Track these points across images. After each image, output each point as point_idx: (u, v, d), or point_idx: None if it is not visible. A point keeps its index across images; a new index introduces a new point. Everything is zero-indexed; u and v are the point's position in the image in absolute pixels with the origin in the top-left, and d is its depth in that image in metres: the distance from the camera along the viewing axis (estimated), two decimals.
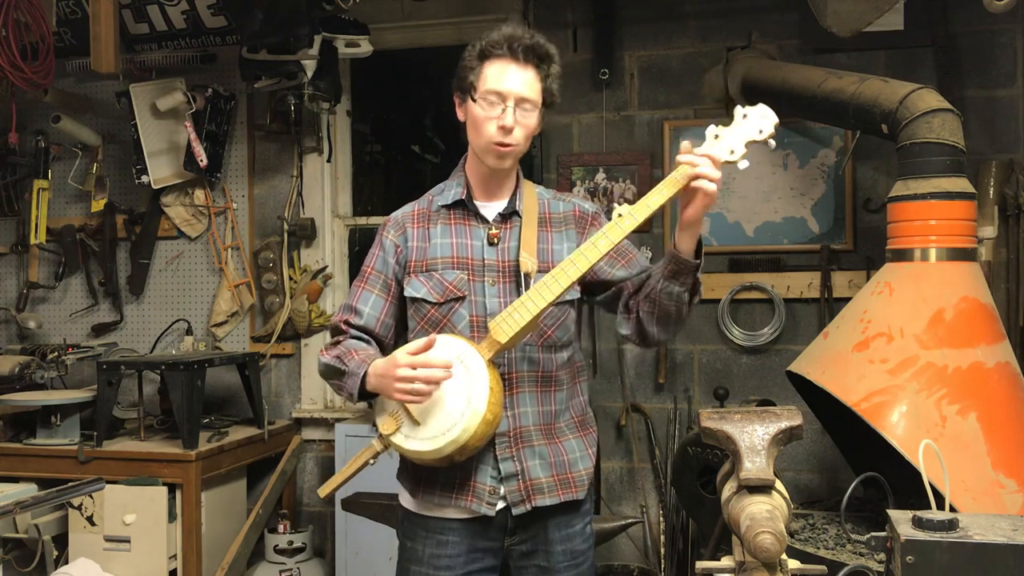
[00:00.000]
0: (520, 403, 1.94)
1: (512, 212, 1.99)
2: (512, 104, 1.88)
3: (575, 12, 3.71)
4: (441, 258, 1.96)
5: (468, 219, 1.99)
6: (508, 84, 1.88)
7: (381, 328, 2.00)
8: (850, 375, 2.53)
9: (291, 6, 3.32)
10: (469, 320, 1.92)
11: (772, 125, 1.81)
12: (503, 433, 1.91)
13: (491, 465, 1.92)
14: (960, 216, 2.58)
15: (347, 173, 4.11)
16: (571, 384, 2.02)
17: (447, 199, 2.01)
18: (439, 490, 1.94)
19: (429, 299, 1.94)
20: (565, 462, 1.97)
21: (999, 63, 3.33)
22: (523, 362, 1.93)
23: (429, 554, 1.95)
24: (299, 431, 3.96)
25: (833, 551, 2.48)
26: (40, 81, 3.61)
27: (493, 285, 1.94)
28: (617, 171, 3.65)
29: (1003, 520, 1.42)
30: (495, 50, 1.90)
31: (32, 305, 4.25)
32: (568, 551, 1.99)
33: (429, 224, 2.00)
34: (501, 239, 1.96)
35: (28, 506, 2.61)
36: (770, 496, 1.52)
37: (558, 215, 2.03)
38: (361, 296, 2.01)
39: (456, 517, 1.94)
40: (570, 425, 2.01)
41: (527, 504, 1.92)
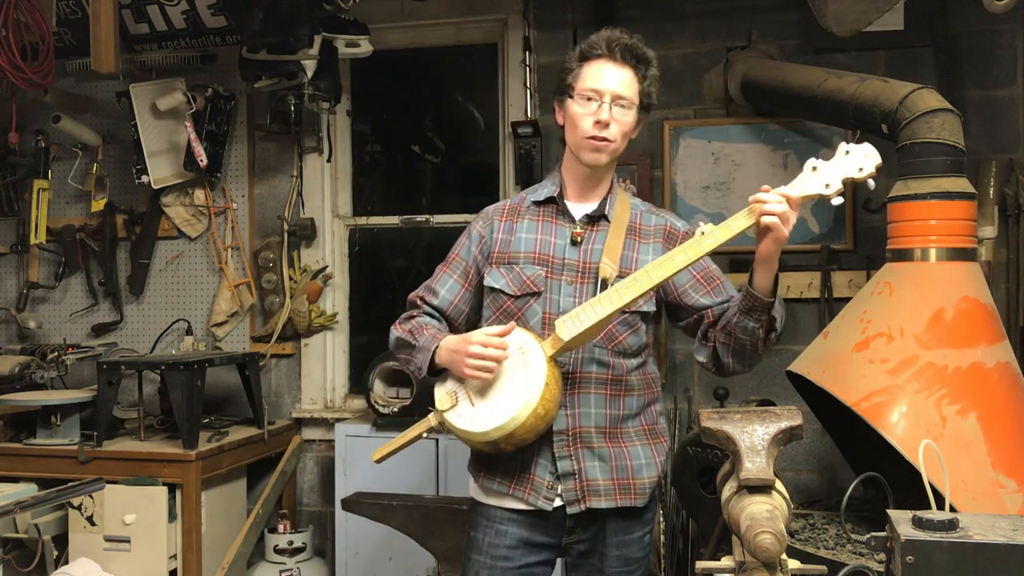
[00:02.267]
0: (583, 403, 1.95)
1: (600, 215, 2.01)
2: (608, 100, 1.93)
3: (575, 12, 3.71)
4: (524, 252, 2.00)
5: (556, 217, 2.03)
6: (605, 82, 1.93)
7: (453, 311, 2.07)
8: (850, 375, 2.53)
9: (291, 6, 3.32)
10: (542, 316, 1.96)
11: (874, 165, 1.78)
12: (561, 431, 1.94)
13: (549, 461, 1.95)
14: (960, 216, 2.58)
15: (347, 173, 4.11)
16: (644, 392, 2.03)
17: (540, 196, 2.06)
18: (499, 477, 1.98)
19: (507, 291, 1.98)
20: (628, 467, 1.98)
21: (999, 63, 3.33)
22: (590, 363, 1.96)
23: (488, 543, 1.99)
24: (299, 431, 3.96)
25: (833, 551, 2.48)
26: (40, 81, 3.61)
27: (570, 284, 1.96)
28: (617, 171, 3.62)
29: (1003, 520, 1.42)
30: (594, 50, 1.95)
31: (32, 305, 4.25)
32: (623, 557, 2.01)
33: (517, 218, 2.06)
34: (585, 240, 1.99)
35: (28, 506, 2.62)
36: (770, 496, 1.52)
37: (648, 227, 2.05)
38: (441, 279, 2.09)
39: (515, 507, 1.97)
40: (639, 432, 2.02)
41: (581, 504, 1.95)
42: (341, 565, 3.61)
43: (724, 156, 3.55)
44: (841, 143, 1.82)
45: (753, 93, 3.39)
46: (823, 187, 1.79)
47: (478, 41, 3.93)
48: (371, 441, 3.55)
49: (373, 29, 3.66)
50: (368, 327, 4.15)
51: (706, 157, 3.57)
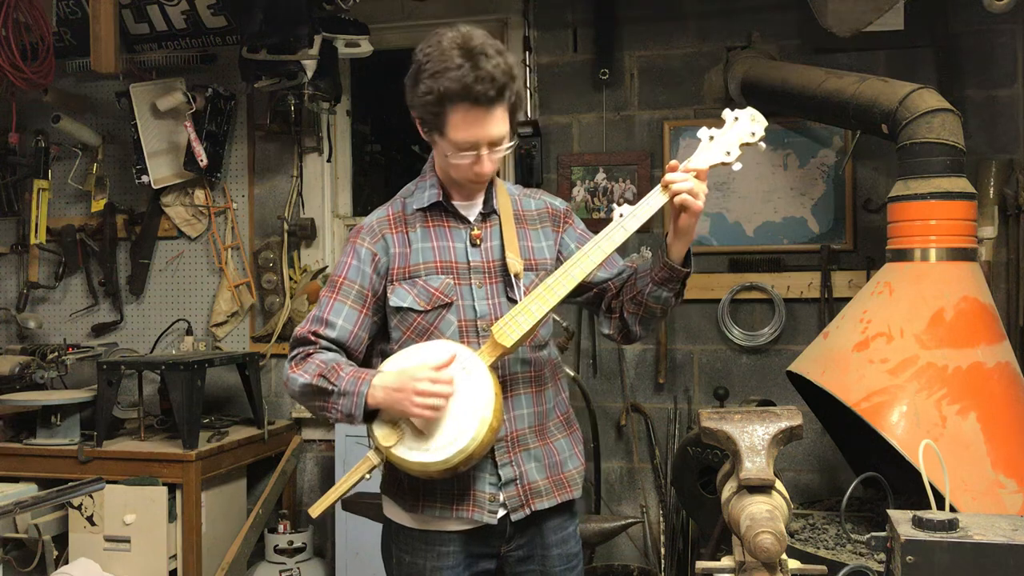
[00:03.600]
0: (516, 406, 1.90)
1: (491, 211, 1.94)
2: (485, 150, 1.80)
3: (575, 12, 3.71)
4: (424, 263, 1.88)
5: (447, 220, 1.92)
6: (479, 133, 1.77)
7: (354, 341, 1.88)
8: (850, 375, 2.53)
9: (291, 6, 3.32)
10: (458, 326, 1.86)
11: (762, 127, 1.82)
12: (502, 438, 1.87)
13: (490, 472, 1.87)
14: (960, 216, 2.59)
15: (347, 173, 4.10)
16: (554, 381, 2.00)
17: (422, 202, 1.92)
18: (439, 503, 1.88)
19: (416, 307, 1.86)
20: (557, 463, 1.96)
21: (999, 63, 3.33)
22: (517, 363, 1.90)
23: (431, 567, 1.90)
24: (299, 431, 3.95)
25: (833, 551, 2.48)
26: (40, 81, 3.61)
27: (480, 287, 1.89)
28: (617, 171, 3.65)
29: (1003, 520, 1.42)
30: (456, 100, 1.74)
31: (32, 305, 4.25)
32: (564, 555, 1.97)
33: (408, 229, 1.92)
34: (483, 239, 1.91)
35: (28, 506, 2.62)
36: (770, 496, 1.52)
37: (531, 212, 1.99)
38: (333, 307, 1.87)
39: (456, 529, 1.89)
40: (558, 424, 2.00)
41: (526, 508, 1.90)
42: (341, 565, 3.61)
43: None
44: (726, 110, 1.85)
45: (753, 93, 3.39)
46: (724, 155, 1.82)
47: None
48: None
49: (373, 29, 3.66)
50: None
51: None
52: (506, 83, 1.75)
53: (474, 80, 1.71)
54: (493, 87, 1.73)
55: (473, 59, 1.73)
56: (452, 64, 1.73)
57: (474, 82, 1.71)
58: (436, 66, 1.74)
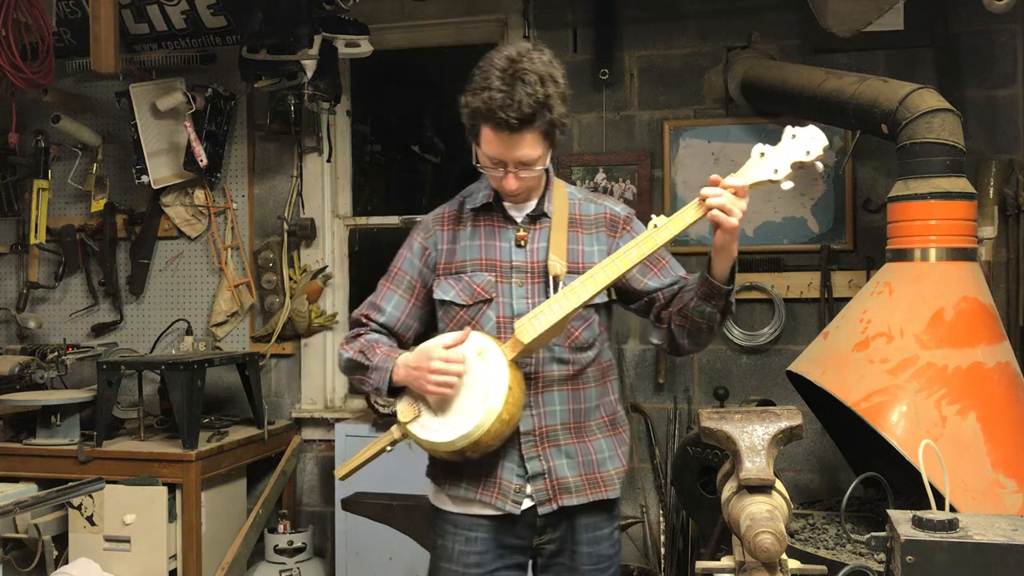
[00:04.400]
0: (547, 402, 1.95)
1: (541, 214, 2.00)
2: (512, 168, 1.87)
3: (575, 12, 3.71)
4: (470, 260, 1.99)
5: (496, 221, 2.01)
6: (505, 154, 1.85)
7: (401, 327, 2.04)
8: (850, 375, 2.53)
9: (291, 6, 3.32)
10: (496, 321, 1.95)
11: (821, 147, 1.78)
12: (528, 432, 1.93)
13: (516, 463, 1.94)
14: (960, 216, 2.59)
15: (347, 173, 4.10)
16: (600, 383, 2.03)
17: (476, 202, 2.02)
18: (465, 484, 1.96)
19: (458, 301, 1.97)
20: (594, 461, 1.99)
21: (999, 63, 3.33)
22: (551, 362, 1.95)
23: (458, 551, 1.97)
24: (299, 431, 3.95)
25: (833, 551, 2.48)
26: (40, 81, 3.61)
27: (521, 286, 1.96)
28: (617, 171, 3.65)
29: (1003, 520, 1.42)
30: (484, 119, 1.82)
31: (32, 305, 4.25)
32: (594, 554, 2.00)
33: (459, 226, 2.03)
34: (529, 241, 1.98)
35: (28, 506, 2.62)
36: (770, 496, 1.52)
37: (589, 217, 2.03)
38: (386, 295, 2.05)
39: (483, 513, 1.96)
40: (600, 425, 2.03)
41: (553, 503, 1.94)
42: (341, 565, 3.61)
43: (724, 156, 3.55)
44: (787, 126, 1.81)
45: (753, 93, 3.39)
46: (772, 172, 1.79)
47: (478, 41, 3.93)
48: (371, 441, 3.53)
49: (373, 29, 3.66)
50: None
51: (706, 157, 3.57)
52: (534, 112, 1.80)
53: (500, 106, 1.78)
54: (518, 116, 1.78)
55: (511, 83, 1.79)
56: (490, 85, 1.80)
57: (500, 107, 1.78)
58: (479, 82, 1.83)
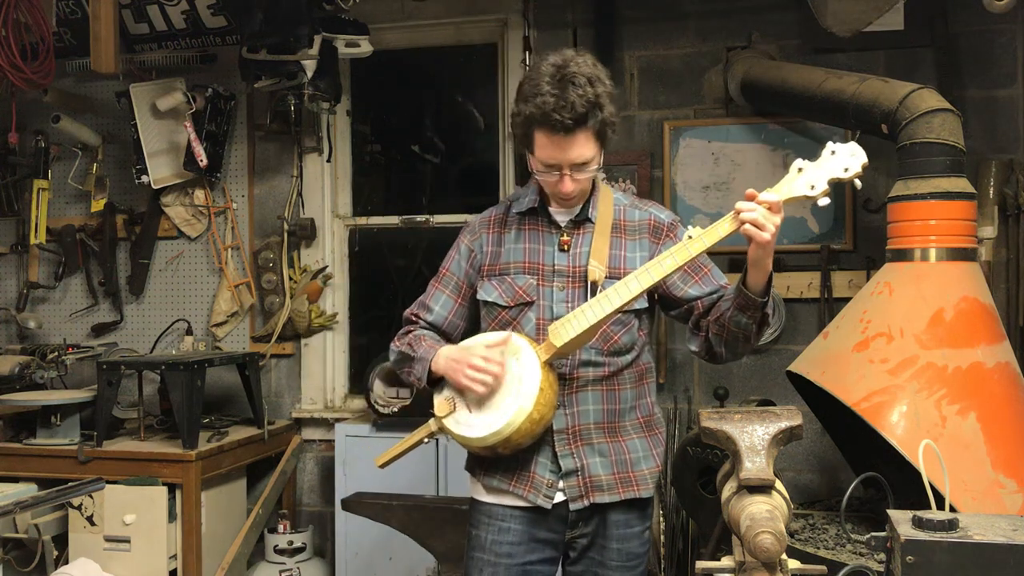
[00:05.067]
0: (581, 402, 1.99)
1: (585, 219, 2.03)
2: (568, 171, 1.91)
3: (575, 12, 3.71)
4: (514, 263, 2.04)
5: (541, 225, 2.05)
6: (560, 156, 1.89)
7: (448, 326, 2.12)
8: (850, 375, 2.53)
9: (291, 6, 3.32)
10: (536, 323, 1.99)
11: (860, 165, 1.77)
12: (561, 430, 1.98)
13: (550, 459, 1.99)
14: (960, 216, 2.59)
15: (347, 173, 4.10)
16: (637, 385, 2.07)
17: (522, 206, 2.07)
18: (499, 475, 2.02)
19: (500, 303, 2.03)
20: (627, 460, 2.03)
21: (999, 63, 3.33)
22: (586, 364, 1.99)
23: (491, 541, 2.03)
24: (299, 431, 3.95)
25: (833, 551, 2.48)
26: (40, 81, 3.61)
27: (562, 290, 2.00)
28: (617, 171, 3.65)
29: (1003, 520, 1.42)
30: (538, 125, 1.86)
31: (32, 305, 4.25)
32: (623, 551, 2.04)
33: (504, 230, 2.08)
34: (572, 245, 2.02)
35: (28, 506, 2.62)
36: (770, 496, 1.52)
37: (633, 223, 2.06)
38: (434, 295, 2.13)
39: (515, 505, 2.01)
40: (635, 425, 2.06)
41: (585, 500, 1.99)
42: (341, 565, 3.61)
43: (724, 156, 3.55)
44: (828, 143, 1.81)
45: (753, 93, 3.39)
46: (808, 188, 1.78)
47: (478, 41, 3.93)
48: (371, 441, 3.55)
49: (373, 29, 3.66)
50: (368, 327, 4.15)
51: (706, 157, 3.57)
52: (587, 112, 1.84)
53: (553, 108, 1.82)
54: (572, 116, 1.83)
55: (561, 86, 1.83)
56: (541, 90, 1.84)
57: (553, 110, 1.82)
58: (529, 90, 1.87)
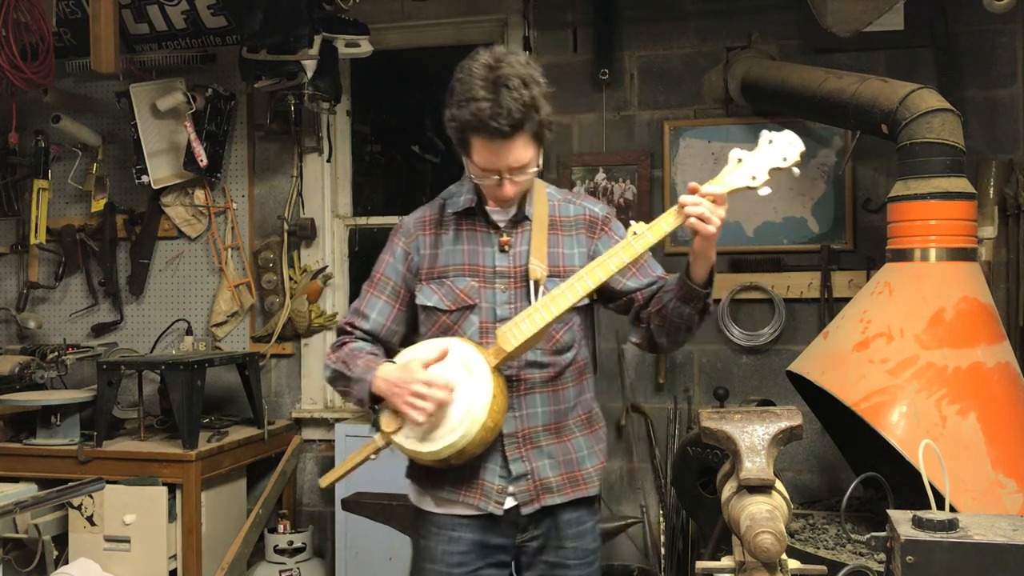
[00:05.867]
0: (529, 404, 1.96)
1: (523, 217, 2.00)
2: (507, 175, 1.86)
3: (575, 12, 3.71)
4: (453, 265, 1.98)
5: (479, 226, 2.00)
6: (499, 162, 1.83)
7: (386, 333, 2.03)
8: (850, 375, 2.53)
9: (291, 6, 3.32)
10: (479, 326, 1.95)
11: (798, 153, 1.79)
12: (512, 434, 1.95)
13: (500, 465, 1.95)
14: (960, 216, 2.59)
15: (347, 173, 4.10)
16: (577, 382, 2.05)
17: (457, 206, 2.01)
18: (448, 486, 1.97)
19: (440, 307, 1.97)
20: (573, 460, 2.01)
21: (999, 63, 3.33)
22: (532, 366, 1.96)
23: (442, 551, 1.98)
24: (299, 431, 3.95)
25: (833, 551, 2.48)
26: (40, 81, 3.61)
27: (504, 292, 1.96)
28: (617, 171, 3.65)
29: (1003, 520, 1.42)
30: (474, 131, 1.80)
31: (32, 305, 4.25)
32: (579, 549, 2.02)
33: (441, 231, 2.01)
34: (512, 245, 1.98)
35: (28, 506, 2.62)
36: (770, 496, 1.52)
37: (568, 219, 2.03)
38: (369, 302, 2.03)
39: (465, 514, 1.97)
40: (578, 423, 2.05)
41: (536, 503, 1.96)
42: (341, 565, 3.61)
43: (724, 156, 3.45)
44: (764, 131, 1.82)
45: (753, 93, 3.39)
46: (750, 179, 1.80)
47: (478, 41, 3.92)
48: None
49: (373, 29, 3.66)
50: None
51: (706, 157, 3.57)
52: (524, 116, 1.79)
53: (490, 115, 1.76)
54: (509, 122, 1.77)
55: (496, 91, 1.76)
56: (475, 95, 1.77)
57: (490, 117, 1.76)
58: (462, 95, 1.80)
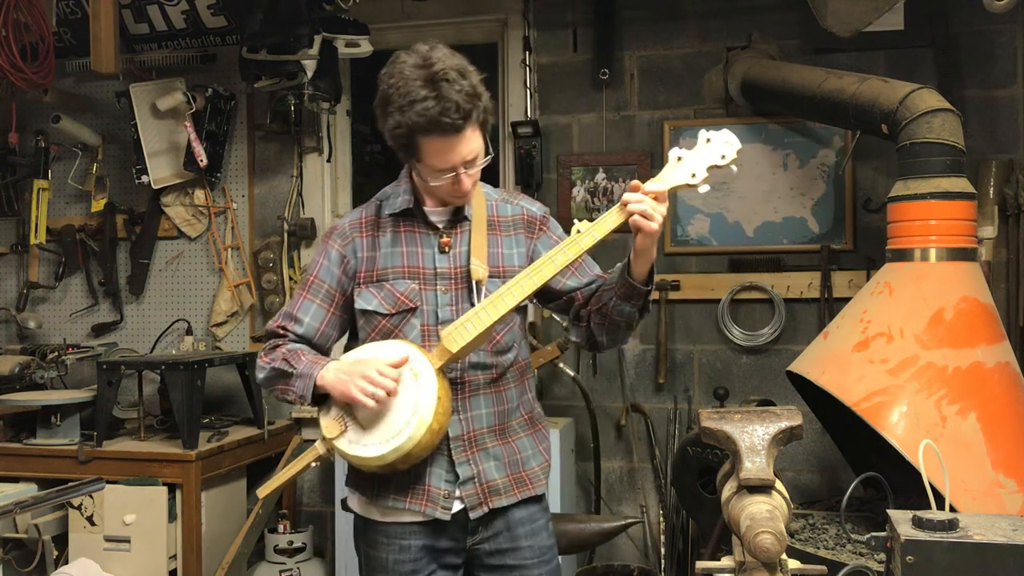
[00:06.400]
0: (473, 406, 1.94)
1: (462, 217, 1.96)
2: (461, 170, 1.82)
3: (575, 12, 3.71)
4: (392, 268, 1.93)
5: (417, 227, 1.96)
6: (453, 158, 1.80)
7: (320, 338, 1.98)
8: (850, 375, 2.53)
9: (291, 6, 3.32)
10: (420, 329, 1.91)
11: (735, 151, 1.83)
12: (457, 437, 1.92)
13: (445, 469, 1.92)
14: (960, 216, 2.59)
15: (347, 173, 4.10)
16: (519, 382, 2.02)
17: (395, 207, 1.96)
18: (392, 494, 1.93)
19: (381, 311, 1.92)
20: (518, 461, 1.99)
21: (999, 63, 3.33)
22: (475, 367, 1.94)
23: (392, 560, 1.95)
24: (299, 431, 3.95)
25: (833, 551, 2.48)
26: (40, 81, 3.61)
27: (445, 293, 1.93)
28: (617, 171, 3.65)
29: (1003, 520, 1.42)
30: (424, 132, 1.75)
31: (32, 305, 4.25)
32: (536, 547, 2.00)
33: (378, 233, 1.96)
34: (452, 245, 1.94)
35: (28, 506, 2.61)
36: (770, 496, 1.52)
37: (506, 219, 2.01)
38: (302, 305, 1.98)
39: (412, 521, 1.94)
40: (521, 424, 2.03)
41: (484, 506, 1.94)
42: (341, 565, 3.61)
43: None
44: (701, 130, 1.87)
45: (753, 93, 3.39)
46: (689, 176, 1.84)
47: (478, 41, 3.93)
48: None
49: (373, 29, 3.66)
50: None
51: None
52: (472, 106, 1.76)
53: (440, 112, 1.72)
54: (460, 114, 1.74)
55: (436, 88, 1.73)
56: (417, 96, 1.73)
57: (440, 114, 1.73)
58: (402, 100, 1.75)
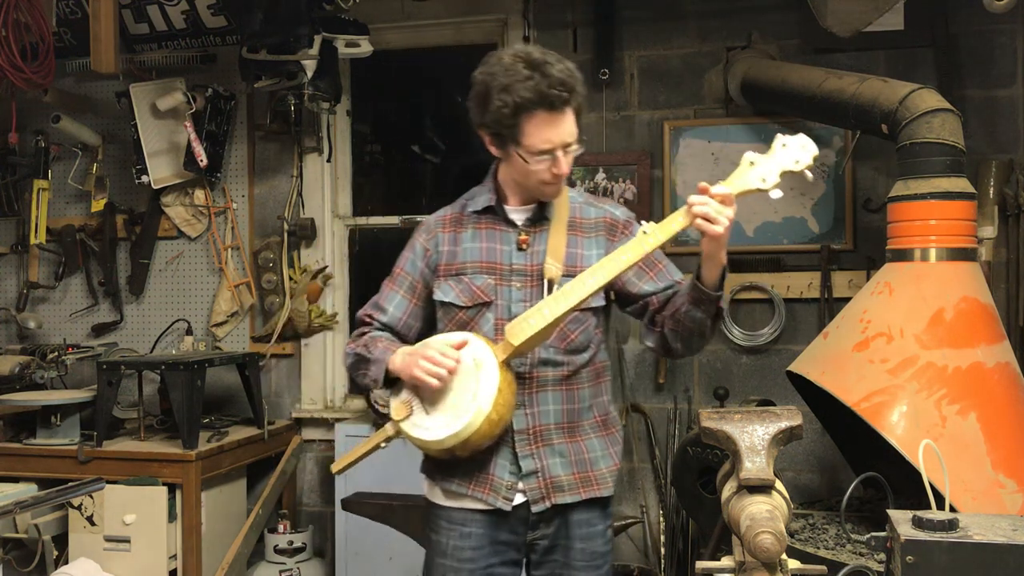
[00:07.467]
0: (541, 402, 1.98)
1: (542, 217, 2.02)
2: (561, 152, 1.89)
3: (575, 12, 3.71)
4: (471, 263, 2.01)
5: (498, 224, 2.03)
6: (555, 137, 1.87)
7: (403, 327, 2.07)
8: (850, 375, 2.53)
9: (291, 6, 3.32)
10: (495, 323, 1.97)
11: (811, 156, 1.80)
12: (522, 430, 1.96)
13: (510, 461, 1.97)
14: (960, 216, 2.59)
15: (347, 173, 4.10)
16: (594, 384, 2.06)
17: (478, 205, 2.04)
18: (457, 479, 1.99)
19: (457, 303, 2.00)
20: (586, 460, 2.02)
21: (999, 63, 3.33)
22: (545, 363, 1.98)
23: (452, 546, 2.00)
24: (299, 431, 3.95)
25: (833, 551, 2.48)
26: (40, 81, 3.61)
27: (520, 289, 1.98)
28: (617, 171, 3.65)
29: (1003, 520, 1.42)
30: (532, 107, 1.83)
31: (32, 305, 4.25)
32: (588, 551, 2.02)
33: (460, 228, 2.05)
34: (530, 244, 2.00)
35: (28, 506, 2.61)
36: (770, 496, 1.52)
37: (589, 221, 2.05)
38: (388, 295, 2.08)
39: (475, 508, 1.98)
40: (593, 425, 2.05)
41: (547, 501, 1.97)
42: (341, 565, 3.62)
43: (724, 156, 3.54)
44: (777, 135, 1.83)
45: (753, 93, 3.39)
46: (760, 181, 1.80)
47: (478, 41, 3.93)
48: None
49: (373, 29, 3.66)
50: None
51: (706, 157, 3.57)
52: (575, 86, 1.86)
53: (548, 86, 1.81)
54: (565, 90, 1.83)
55: (540, 68, 1.83)
56: (522, 76, 1.83)
57: (548, 88, 1.81)
58: (507, 79, 1.84)
